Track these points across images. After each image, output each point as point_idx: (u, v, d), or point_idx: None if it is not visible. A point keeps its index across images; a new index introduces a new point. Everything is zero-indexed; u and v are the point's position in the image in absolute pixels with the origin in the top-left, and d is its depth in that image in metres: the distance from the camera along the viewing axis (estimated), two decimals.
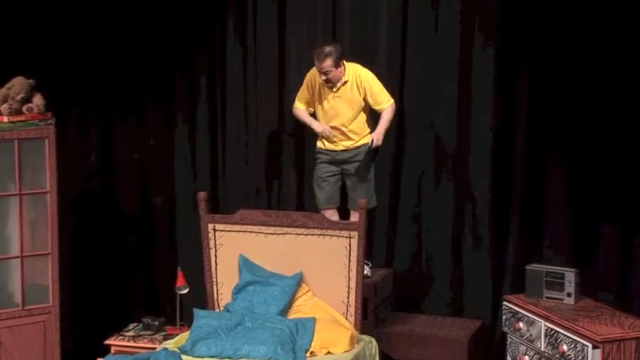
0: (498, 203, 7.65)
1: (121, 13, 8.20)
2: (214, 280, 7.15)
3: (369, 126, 7.43)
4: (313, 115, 7.51)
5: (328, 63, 7.19)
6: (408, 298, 7.88)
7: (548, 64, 7.38)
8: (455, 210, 7.76)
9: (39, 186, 7.33)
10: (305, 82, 7.50)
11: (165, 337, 7.42)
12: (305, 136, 7.90)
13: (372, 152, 7.42)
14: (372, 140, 7.22)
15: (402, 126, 7.87)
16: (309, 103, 7.50)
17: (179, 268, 7.72)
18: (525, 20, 7.43)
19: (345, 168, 7.47)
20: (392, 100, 7.37)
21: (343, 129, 7.40)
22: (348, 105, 7.36)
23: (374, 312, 7.41)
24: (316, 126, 7.43)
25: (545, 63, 7.39)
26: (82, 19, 8.12)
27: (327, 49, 7.23)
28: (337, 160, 7.46)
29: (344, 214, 7.51)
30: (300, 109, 7.53)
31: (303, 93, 7.52)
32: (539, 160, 7.50)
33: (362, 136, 7.43)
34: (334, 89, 7.33)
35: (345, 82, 7.33)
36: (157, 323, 7.67)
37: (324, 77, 7.25)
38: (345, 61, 7.31)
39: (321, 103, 7.43)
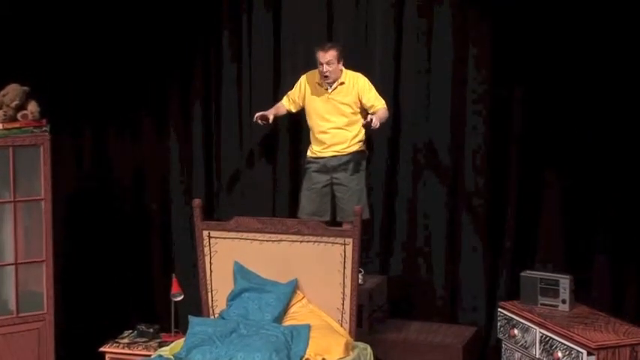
0: (493, 211, 7.66)
1: (118, 19, 8.21)
2: (209, 287, 7.14)
3: (359, 135, 7.45)
4: (300, 115, 7.64)
5: (332, 53, 7.31)
6: (403, 305, 7.89)
7: (543, 76, 7.41)
8: (449, 218, 7.77)
9: (33, 193, 7.32)
10: (299, 81, 7.61)
11: (160, 344, 7.42)
12: (302, 144, 7.90)
13: (364, 159, 7.50)
14: (371, 119, 7.19)
15: (396, 135, 7.89)
16: (293, 102, 7.62)
17: (174, 275, 7.72)
18: (519, 32, 7.45)
19: (334, 177, 7.48)
20: (385, 106, 7.42)
21: (333, 132, 7.42)
22: (340, 108, 7.40)
23: (369, 319, 7.42)
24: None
25: (540, 75, 7.42)
26: (77, 26, 8.13)
27: (333, 42, 7.50)
28: (327, 167, 7.46)
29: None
30: (281, 102, 7.69)
31: (292, 91, 7.65)
32: (534, 168, 7.51)
33: (351, 143, 7.44)
34: (329, 90, 7.38)
35: (342, 84, 7.40)
36: (151, 330, 7.67)
37: (325, 69, 7.32)
38: (344, 67, 7.43)
39: (313, 104, 7.47)
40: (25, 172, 7.29)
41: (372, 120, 7.17)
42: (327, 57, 7.31)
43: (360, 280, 7.19)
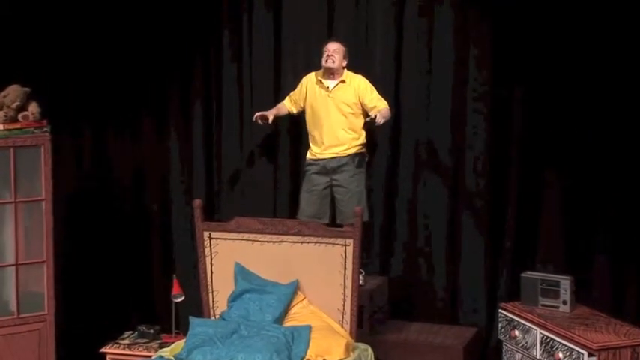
0: (493, 211, 7.67)
1: (118, 19, 8.21)
2: (210, 287, 7.14)
3: (359, 138, 7.47)
4: (301, 117, 7.71)
5: (340, 46, 7.45)
6: (404, 306, 7.89)
7: (543, 76, 7.42)
8: (450, 218, 7.77)
9: (34, 194, 7.32)
10: (300, 82, 7.65)
11: (161, 345, 7.42)
12: (302, 144, 7.90)
13: (364, 162, 7.53)
14: (376, 115, 7.20)
15: (397, 135, 7.89)
16: (294, 103, 7.68)
17: (174, 275, 7.72)
18: (520, 32, 7.46)
19: (334, 179, 7.48)
20: (387, 106, 7.43)
21: (333, 133, 7.43)
22: (340, 108, 7.42)
23: (369, 319, 7.42)
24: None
25: (540, 76, 7.42)
26: (77, 26, 8.13)
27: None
28: (327, 169, 7.47)
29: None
30: (283, 103, 7.75)
31: (294, 92, 7.70)
32: (534, 168, 7.52)
33: (351, 145, 7.45)
34: (330, 88, 7.42)
35: (343, 82, 7.43)
36: (152, 331, 7.67)
37: (331, 53, 7.39)
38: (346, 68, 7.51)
39: (314, 104, 7.49)
40: (26, 172, 7.29)
41: (376, 116, 7.18)
42: (335, 46, 7.43)
43: (360, 281, 7.19)
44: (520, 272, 7.11)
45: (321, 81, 7.50)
